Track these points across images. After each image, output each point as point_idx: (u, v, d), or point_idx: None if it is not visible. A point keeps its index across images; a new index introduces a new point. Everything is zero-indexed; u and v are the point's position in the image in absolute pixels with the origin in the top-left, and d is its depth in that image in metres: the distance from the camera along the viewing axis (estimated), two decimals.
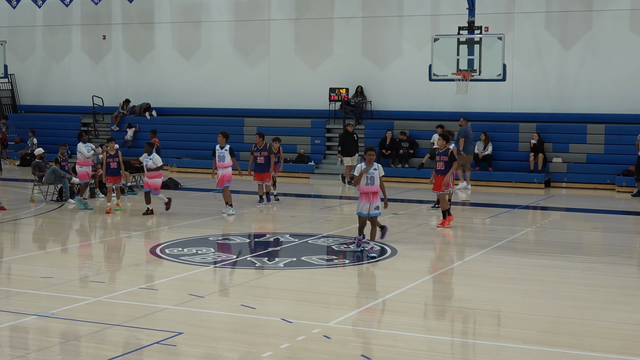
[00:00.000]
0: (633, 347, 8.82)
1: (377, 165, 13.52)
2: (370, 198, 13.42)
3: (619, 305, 10.54)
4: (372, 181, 13.40)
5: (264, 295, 11.03)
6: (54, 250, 14.37)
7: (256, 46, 31.28)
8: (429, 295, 11.07)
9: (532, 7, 27.53)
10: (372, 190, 13.43)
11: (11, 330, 9.19)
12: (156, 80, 32.88)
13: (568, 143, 26.49)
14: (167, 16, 32.69)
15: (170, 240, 15.05)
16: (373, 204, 13.40)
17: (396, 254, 13.93)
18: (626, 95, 26.57)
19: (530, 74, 27.62)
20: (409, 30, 29.03)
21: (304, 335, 8.94)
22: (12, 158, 32.80)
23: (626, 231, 17.82)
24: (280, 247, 14.55)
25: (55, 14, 34.06)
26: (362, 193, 13.47)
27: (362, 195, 13.48)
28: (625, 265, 13.42)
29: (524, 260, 13.57)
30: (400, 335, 9.01)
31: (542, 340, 8.95)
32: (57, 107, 34.41)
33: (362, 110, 29.41)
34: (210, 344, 8.67)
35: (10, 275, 12.48)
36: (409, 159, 27.45)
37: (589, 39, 27.00)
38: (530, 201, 22.31)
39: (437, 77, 22.25)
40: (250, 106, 31.22)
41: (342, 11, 29.95)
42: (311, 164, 28.52)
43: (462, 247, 15.02)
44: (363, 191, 13.44)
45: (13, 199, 21.30)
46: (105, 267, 12.99)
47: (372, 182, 13.40)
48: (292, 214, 19.12)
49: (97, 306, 10.18)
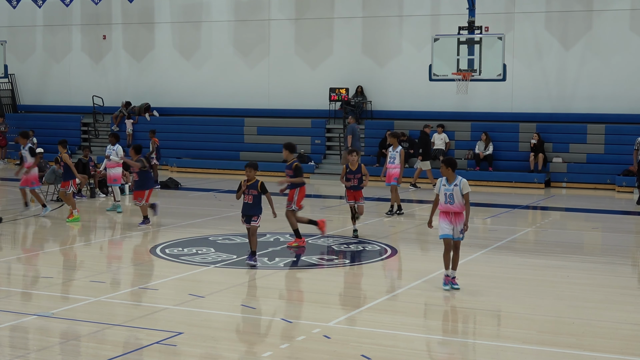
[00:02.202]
0: (633, 347, 8.82)
1: (458, 180, 11.28)
2: (452, 218, 11.26)
3: (619, 305, 10.54)
4: (452, 199, 11.22)
5: (264, 295, 11.03)
6: (54, 250, 14.37)
7: (256, 46, 31.28)
8: (429, 295, 11.07)
9: (532, 7, 27.53)
10: (452, 209, 11.23)
11: (11, 330, 9.19)
12: (156, 80, 32.87)
13: (568, 143, 26.49)
14: (167, 16, 32.69)
15: (170, 240, 15.05)
16: (457, 226, 11.25)
17: (396, 254, 13.93)
18: (626, 95, 26.56)
19: (530, 74, 27.61)
20: (409, 30, 29.02)
21: (304, 335, 8.94)
22: (12, 158, 32.79)
23: (626, 231, 17.81)
24: (280, 247, 14.54)
25: (55, 14, 34.06)
26: (442, 212, 11.42)
27: (442, 215, 11.42)
28: (625, 265, 13.42)
29: (524, 260, 13.57)
30: (400, 335, 9.01)
31: (542, 340, 8.95)
32: (57, 107, 34.41)
33: (362, 110, 29.41)
34: (210, 344, 8.67)
35: (10, 275, 12.48)
36: (409, 159, 27.43)
37: (589, 39, 27.00)
38: (530, 201, 22.31)
39: (437, 77, 22.27)
40: (250, 106, 31.22)
41: (342, 11, 29.94)
42: (311, 164, 28.51)
43: (462, 247, 14.98)
44: (442, 210, 11.39)
45: (13, 199, 21.29)
46: (105, 267, 12.99)
47: (451, 201, 11.23)
48: None
49: (97, 306, 10.18)
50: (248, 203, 12.66)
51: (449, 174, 11.30)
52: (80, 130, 33.26)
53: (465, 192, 11.20)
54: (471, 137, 27.57)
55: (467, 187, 11.25)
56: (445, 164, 11.34)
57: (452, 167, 11.32)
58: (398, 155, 18.21)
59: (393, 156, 18.29)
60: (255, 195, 12.61)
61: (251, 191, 12.62)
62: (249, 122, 30.44)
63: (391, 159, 18.30)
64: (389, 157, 18.41)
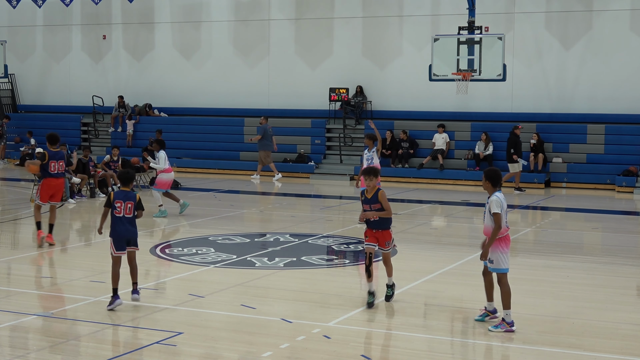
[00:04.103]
0: (633, 347, 8.82)
1: (490, 199, 9.36)
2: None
3: (619, 305, 10.54)
4: (483, 220, 9.54)
5: (264, 295, 11.03)
6: (54, 250, 14.37)
7: (256, 46, 31.28)
8: (429, 295, 11.07)
9: (532, 7, 27.53)
10: (485, 232, 9.51)
11: (11, 330, 9.19)
12: (156, 80, 32.87)
13: (568, 143, 26.48)
14: (167, 16, 32.69)
15: (170, 240, 15.05)
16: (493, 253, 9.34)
17: (396, 254, 13.93)
18: (626, 95, 26.56)
19: (530, 74, 27.62)
20: (409, 30, 29.02)
21: (304, 335, 8.94)
22: (12, 158, 32.80)
23: (626, 231, 17.82)
24: (280, 247, 14.55)
25: (55, 14, 34.06)
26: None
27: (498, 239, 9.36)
28: (625, 265, 13.42)
29: (524, 260, 13.57)
30: (400, 335, 9.01)
31: (542, 340, 8.95)
32: (57, 107, 34.40)
33: (362, 110, 29.41)
34: (210, 344, 8.67)
35: (10, 275, 12.48)
36: (409, 159, 27.44)
37: (589, 39, 27.00)
38: (530, 201, 22.31)
39: (437, 77, 22.27)
40: (250, 106, 31.21)
41: (342, 11, 29.94)
42: (311, 164, 28.52)
43: (462, 247, 15.00)
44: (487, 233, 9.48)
45: (13, 198, 21.29)
46: (105, 267, 12.98)
47: (484, 222, 9.54)
48: (292, 214, 19.12)
49: (97, 306, 10.18)
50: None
51: (488, 188, 9.43)
52: (80, 130, 33.25)
53: (492, 212, 9.22)
54: (471, 137, 27.56)
55: (494, 206, 9.22)
56: (484, 176, 9.48)
57: (492, 181, 9.40)
58: (375, 156, 16.75)
59: (369, 157, 16.77)
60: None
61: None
62: (249, 122, 30.42)
63: (368, 161, 16.71)
64: (365, 158, 16.90)
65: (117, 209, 10.16)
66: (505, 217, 9.29)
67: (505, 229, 9.30)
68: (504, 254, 9.30)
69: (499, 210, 9.17)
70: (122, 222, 10.16)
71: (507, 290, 9.19)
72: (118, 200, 10.17)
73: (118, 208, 10.15)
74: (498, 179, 9.42)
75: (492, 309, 9.58)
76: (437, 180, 26.38)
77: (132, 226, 10.27)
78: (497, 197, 9.26)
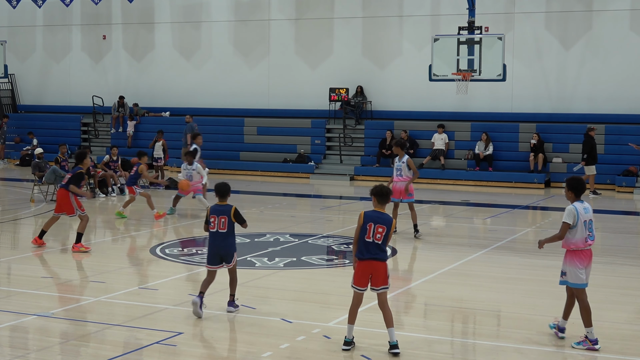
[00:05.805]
0: (633, 347, 8.82)
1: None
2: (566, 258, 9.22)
3: (619, 305, 10.54)
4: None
5: (264, 295, 11.02)
6: (54, 250, 14.37)
7: (256, 46, 31.28)
8: (429, 295, 11.07)
9: (532, 7, 27.54)
10: (563, 244, 9.24)
11: (11, 330, 9.19)
12: (156, 80, 32.87)
13: (568, 143, 26.47)
14: (167, 16, 32.69)
15: (170, 240, 15.05)
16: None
17: (396, 254, 13.92)
18: (626, 95, 26.57)
19: (530, 74, 27.62)
20: (409, 30, 29.03)
21: (304, 335, 8.94)
22: (12, 158, 32.80)
23: (626, 231, 17.81)
24: (280, 247, 14.55)
25: (55, 14, 34.07)
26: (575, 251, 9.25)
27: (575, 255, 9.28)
28: (625, 265, 13.41)
29: (524, 260, 13.57)
30: (400, 335, 8.99)
31: (542, 340, 8.95)
32: (57, 107, 34.42)
33: (362, 110, 29.41)
34: (210, 344, 8.67)
35: (10, 275, 12.48)
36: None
37: (589, 39, 27.01)
38: (530, 201, 22.31)
39: (437, 77, 22.26)
40: (250, 106, 31.22)
41: (342, 11, 29.95)
42: (311, 164, 28.52)
43: (462, 247, 15.00)
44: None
45: (13, 198, 21.29)
46: (105, 267, 12.98)
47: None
48: (292, 214, 19.12)
49: (97, 306, 10.18)
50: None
51: (570, 198, 9.13)
52: (80, 130, 33.26)
53: (562, 220, 9.05)
54: (471, 137, 27.57)
55: (565, 215, 9.05)
56: (568, 185, 9.12)
57: (575, 191, 9.10)
58: (405, 166, 15.58)
59: (399, 167, 15.67)
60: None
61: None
62: (248, 122, 30.43)
63: (397, 171, 15.68)
64: (395, 168, 15.80)
65: (211, 224, 9.75)
66: (586, 231, 8.98)
67: (583, 243, 9.01)
68: (577, 269, 9.00)
69: (569, 220, 8.93)
70: (216, 238, 9.77)
71: (585, 306, 8.86)
72: (212, 215, 9.74)
73: (212, 223, 9.73)
74: (582, 190, 9.11)
75: (562, 326, 9.08)
76: (437, 180, 26.38)
77: (225, 242, 9.75)
78: (573, 207, 8.98)
